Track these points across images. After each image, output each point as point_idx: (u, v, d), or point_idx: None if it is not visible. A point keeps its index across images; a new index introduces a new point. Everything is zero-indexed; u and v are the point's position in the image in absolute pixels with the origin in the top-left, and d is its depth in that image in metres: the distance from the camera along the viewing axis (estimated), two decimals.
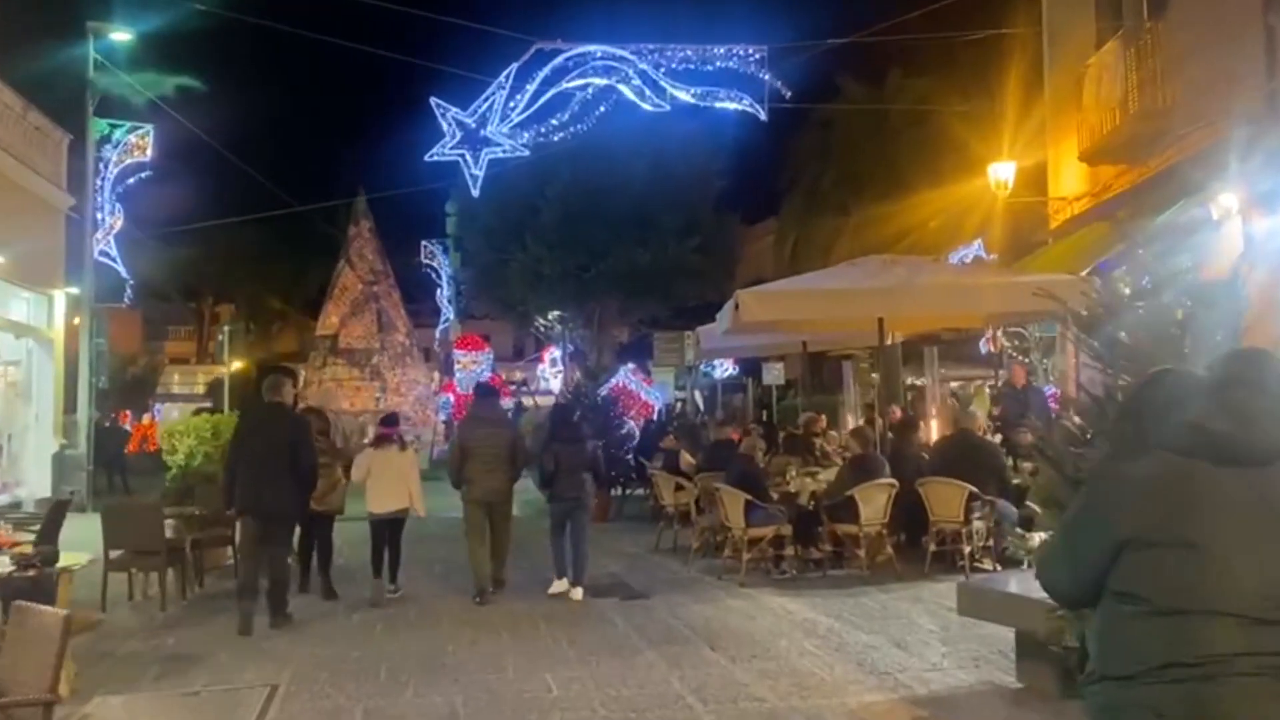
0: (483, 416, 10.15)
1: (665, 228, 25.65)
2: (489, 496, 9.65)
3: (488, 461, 9.60)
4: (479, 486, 9.61)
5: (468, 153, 14.89)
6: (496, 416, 10.42)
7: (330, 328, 29.11)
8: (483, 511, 9.67)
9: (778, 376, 27.39)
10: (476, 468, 9.58)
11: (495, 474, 9.63)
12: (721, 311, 12.00)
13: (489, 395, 11.02)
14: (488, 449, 9.63)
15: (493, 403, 10.74)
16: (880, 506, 10.34)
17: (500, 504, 9.79)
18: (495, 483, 9.64)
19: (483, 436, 9.73)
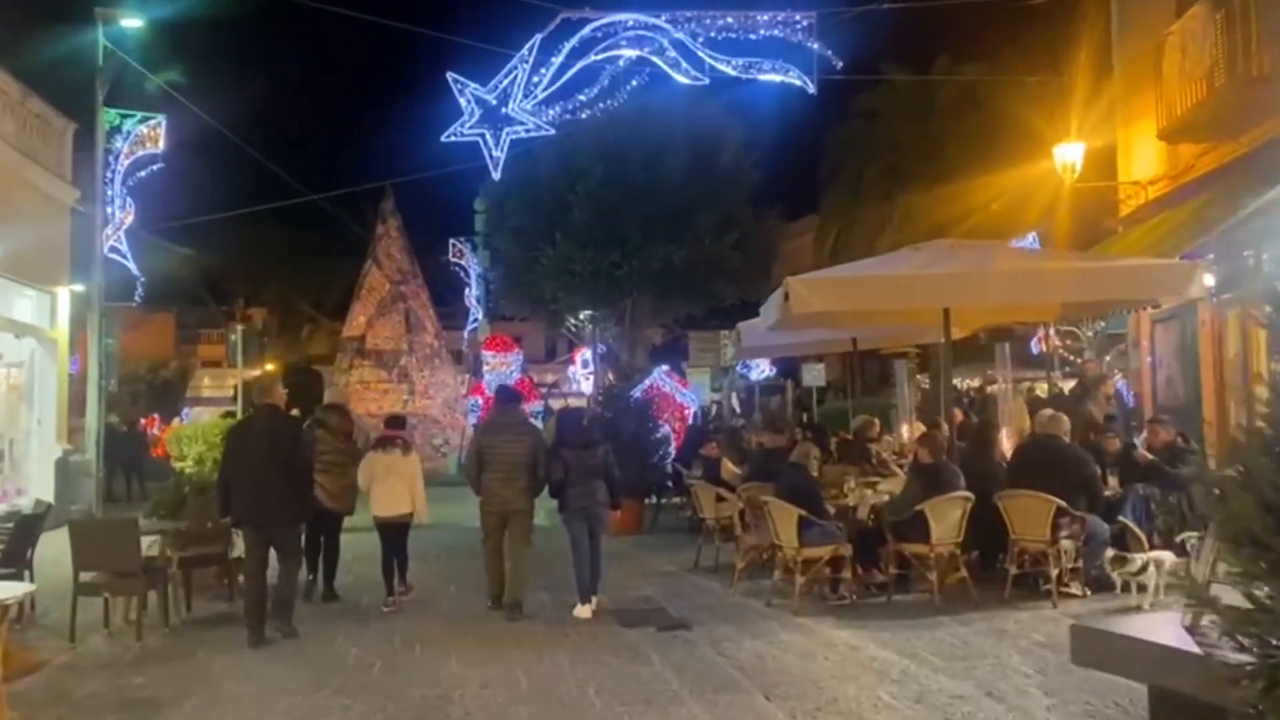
0: (502, 421, 9.29)
1: (701, 224, 24.27)
2: (505, 507, 8.86)
3: (505, 470, 8.82)
4: (495, 496, 8.87)
5: (488, 132, 13.62)
6: (516, 421, 9.40)
7: (357, 329, 27.96)
8: (498, 522, 8.94)
9: (818, 377, 26.01)
10: (493, 476, 8.84)
11: (513, 484, 8.82)
12: (767, 303, 10.64)
13: (510, 399, 9.89)
14: (505, 457, 8.85)
15: (513, 407, 9.66)
16: (954, 523, 8.94)
17: (518, 516, 8.89)
18: (512, 493, 8.84)
19: (501, 443, 8.94)
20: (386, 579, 9.35)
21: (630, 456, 13.71)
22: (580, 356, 30.14)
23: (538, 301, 26.58)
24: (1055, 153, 15.13)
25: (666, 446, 14.42)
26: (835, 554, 8.96)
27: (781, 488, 9.15)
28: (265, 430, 8.12)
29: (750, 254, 25.38)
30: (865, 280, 9.73)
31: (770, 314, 10.35)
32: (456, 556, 11.87)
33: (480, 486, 8.94)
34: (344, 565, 10.18)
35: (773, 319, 10.26)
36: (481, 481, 8.90)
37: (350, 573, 10.43)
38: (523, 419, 9.77)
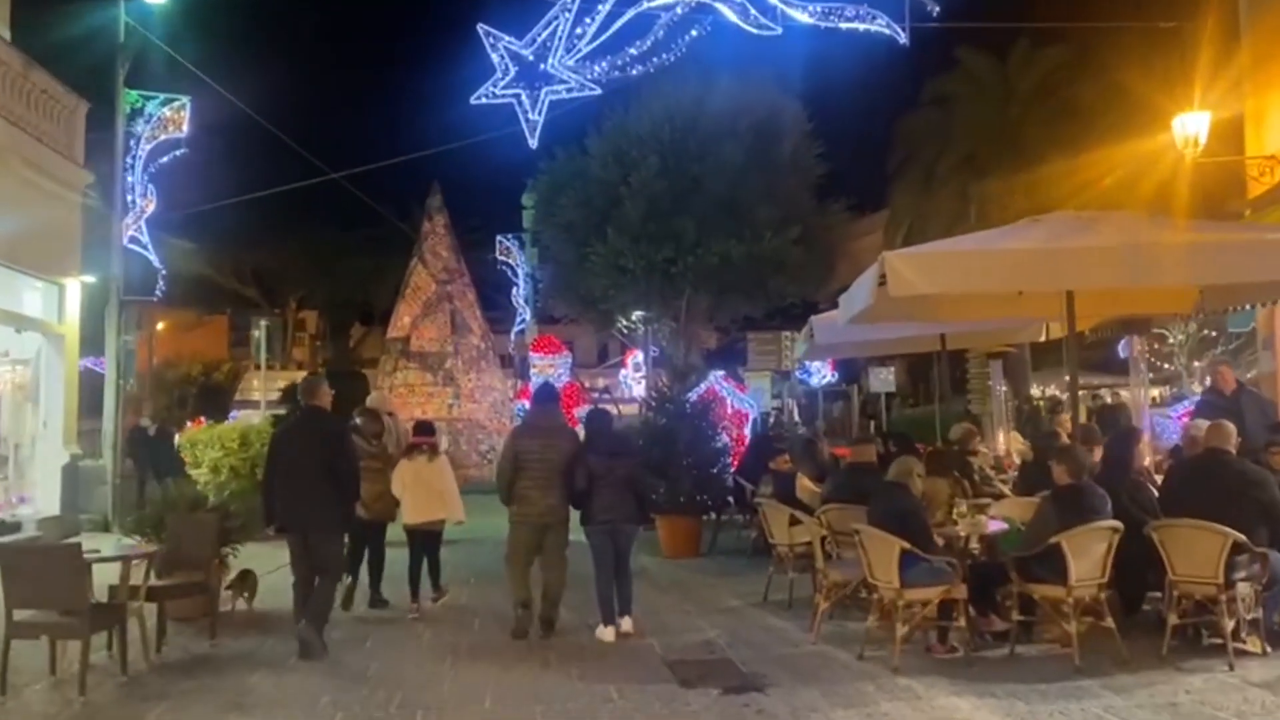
0: (539, 425, 8.36)
1: (760, 218, 22.22)
2: (542, 519, 8.05)
3: (541, 477, 8.00)
4: (531, 506, 8.05)
5: (524, 93, 11.86)
6: (555, 425, 8.46)
7: (402, 330, 26.50)
8: (533, 536, 8.10)
9: (887, 382, 23.95)
10: (528, 484, 8.03)
11: (550, 492, 8.02)
12: (851, 291, 8.72)
13: (549, 398, 8.85)
14: (542, 462, 8.02)
15: (553, 408, 8.73)
16: (1098, 559, 6.96)
17: (554, 528, 8.12)
18: (550, 502, 8.03)
19: (538, 448, 8.09)
20: (413, 586, 9.03)
21: (686, 469, 11.89)
22: (632, 359, 28.35)
23: (587, 301, 24.74)
24: (1175, 125, 12.98)
25: (726, 457, 12.54)
26: (946, 596, 7.02)
27: (877, 513, 7.23)
28: (310, 433, 7.62)
29: (813, 250, 23.25)
30: (979, 256, 7.76)
31: (855, 303, 8.44)
32: (487, 586, 10.10)
33: (512, 495, 8.08)
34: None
35: (858, 308, 8.34)
36: (516, 490, 8.04)
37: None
38: (563, 422, 8.79)
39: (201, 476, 14.05)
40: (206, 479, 13.99)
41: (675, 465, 11.79)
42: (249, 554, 10.09)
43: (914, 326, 11.56)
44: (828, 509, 8.46)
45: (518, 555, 8.11)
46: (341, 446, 7.81)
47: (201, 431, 14.38)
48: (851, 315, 8.75)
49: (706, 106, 22.18)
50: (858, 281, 8.41)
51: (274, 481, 7.71)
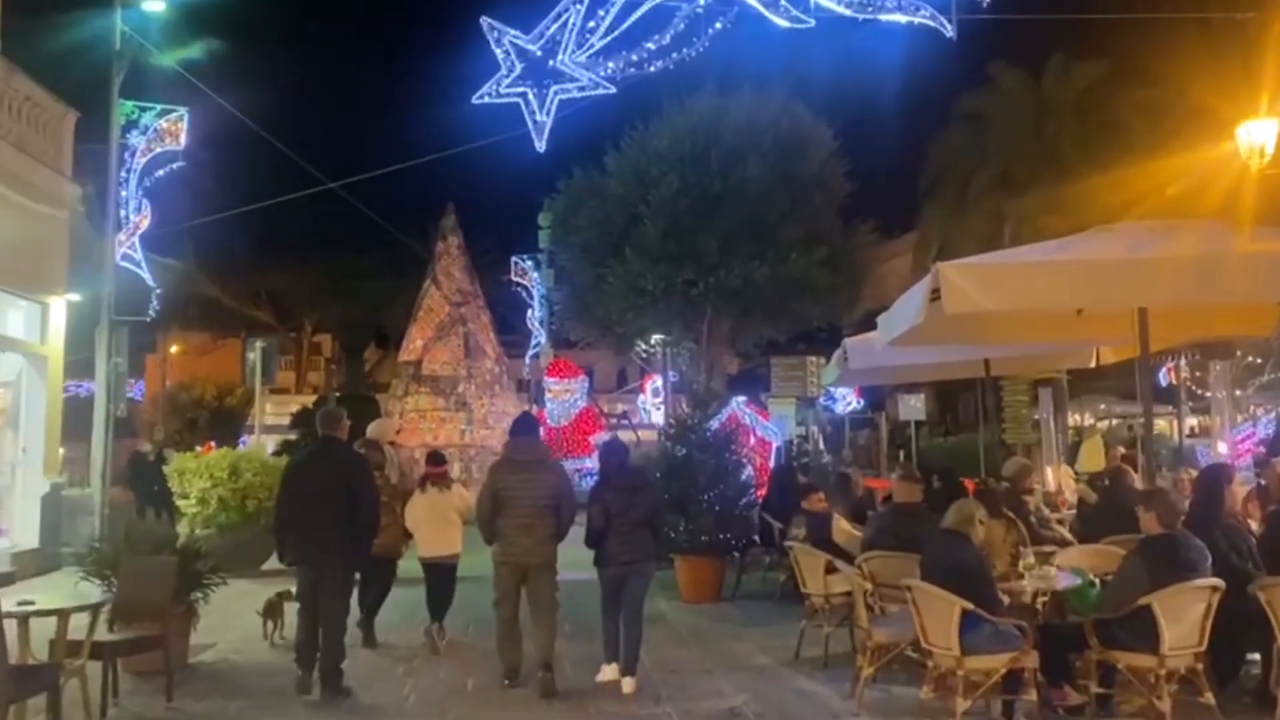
0: (521, 457, 7.54)
1: (784, 238, 21.27)
2: (525, 559, 7.36)
3: (526, 514, 7.32)
4: (512, 546, 7.37)
5: (530, 91, 10.84)
6: (537, 456, 7.70)
7: (414, 353, 25.62)
8: (515, 578, 7.43)
9: (917, 410, 22.80)
10: (510, 522, 7.35)
11: (534, 531, 7.33)
12: (895, 309, 7.68)
13: (528, 429, 8.00)
14: (526, 498, 7.34)
15: (533, 440, 7.89)
16: (1195, 623, 5.88)
17: (540, 571, 7.41)
18: (534, 542, 7.34)
19: (520, 482, 7.38)
20: (431, 613, 8.78)
21: (708, 504, 10.83)
22: (650, 384, 27.36)
23: (604, 324, 23.79)
24: (1239, 133, 11.90)
25: (751, 492, 11.46)
26: (1014, 665, 5.93)
27: (934, 566, 6.16)
28: (328, 465, 7.32)
29: (840, 272, 22.25)
30: (1045, 269, 6.69)
31: (899, 321, 7.41)
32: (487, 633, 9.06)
33: (493, 534, 7.41)
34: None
35: (903, 328, 7.31)
36: (496, 529, 7.37)
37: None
38: (546, 453, 8.08)
39: (188, 508, 13.12)
40: (194, 510, 13.06)
41: (695, 500, 10.75)
42: (236, 592, 9.63)
43: (955, 350, 10.54)
44: (870, 557, 7.38)
45: (505, 598, 7.44)
46: (365, 480, 7.53)
47: (189, 460, 13.46)
48: (895, 335, 7.70)
49: (728, 121, 21.28)
50: (904, 297, 7.38)
51: (287, 513, 7.33)
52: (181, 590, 7.87)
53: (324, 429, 7.60)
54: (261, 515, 13.01)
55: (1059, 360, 12.16)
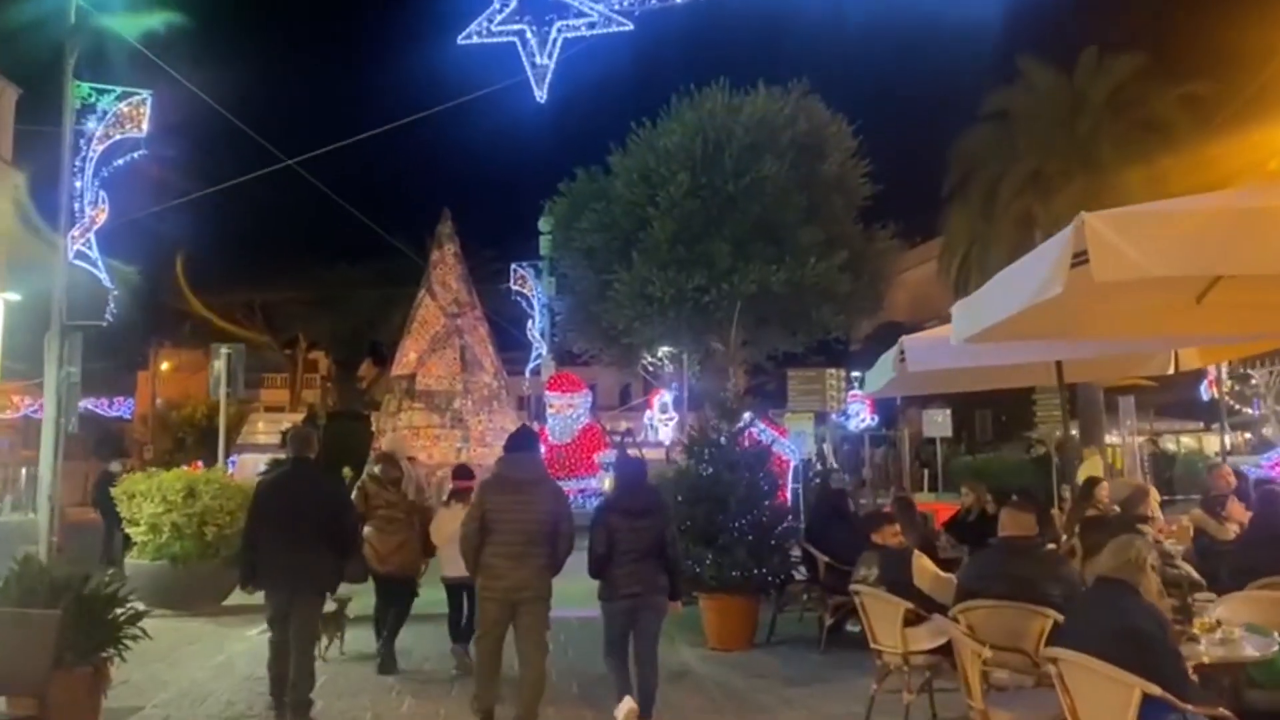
0: (515, 476, 6.52)
1: (803, 242, 19.59)
2: (516, 594, 6.37)
3: (519, 541, 6.39)
4: (499, 579, 6.39)
5: (530, 29, 9.03)
6: (533, 477, 6.62)
7: (407, 366, 23.78)
8: (502, 614, 6.41)
9: (943, 425, 21.03)
10: (497, 550, 6.41)
11: (529, 560, 6.38)
12: (1006, 280, 5.89)
13: (524, 444, 6.93)
14: (520, 523, 6.40)
15: (530, 457, 6.82)
16: None
17: (529, 606, 6.40)
18: (528, 574, 6.39)
19: (510, 506, 6.43)
20: (453, 632, 8.41)
21: (739, 534, 9.02)
22: (658, 400, 25.52)
23: (610, 336, 22.05)
24: None
25: (790, 518, 9.64)
26: None
27: (1089, 628, 4.33)
28: (303, 488, 6.96)
29: (861, 279, 20.57)
30: (1240, 217, 4.84)
31: (1011, 299, 5.60)
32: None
33: (478, 563, 6.44)
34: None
35: (1018, 305, 5.50)
36: (483, 557, 6.41)
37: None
38: (543, 473, 6.88)
39: (139, 535, 11.30)
40: (144, 539, 11.23)
41: (726, 529, 8.94)
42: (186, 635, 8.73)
43: (1024, 350, 8.71)
44: (971, 607, 5.57)
45: (489, 636, 6.46)
46: (343, 502, 7.29)
47: (139, 480, 11.61)
48: (1001, 317, 5.91)
49: (742, 118, 19.63)
50: (1018, 269, 5.61)
51: (258, 538, 6.90)
52: (83, 648, 6.08)
53: (294, 450, 7.22)
54: (222, 545, 11.24)
55: (1139, 365, 10.34)
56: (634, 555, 6.32)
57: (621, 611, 6.36)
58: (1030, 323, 6.22)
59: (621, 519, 6.40)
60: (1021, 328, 6.41)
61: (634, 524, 6.37)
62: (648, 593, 6.34)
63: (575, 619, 10.14)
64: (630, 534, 6.34)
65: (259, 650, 9.02)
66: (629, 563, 6.32)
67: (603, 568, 6.38)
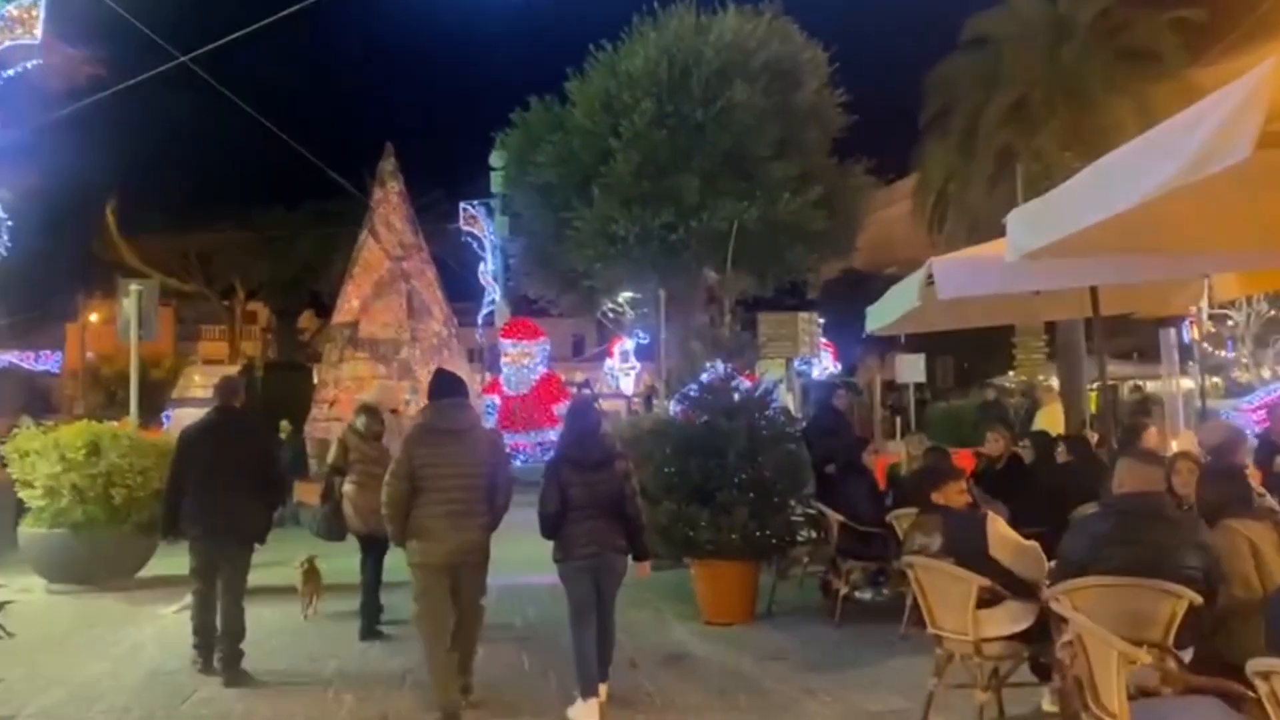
0: (443, 425, 5.71)
1: (776, 176, 18.18)
2: (455, 556, 5.59)
3: (453, 499, 5.55)
4: (435, 541, 5.54)
5: None
6: (465, 424, 5.82)
7: (349, 314, 21.95)
8: (442, 583, 5.61)
9: (918, 370, 19.87)
10: (435, 509, 5.54)
11: (467, 519, 5.59)
12: (1105, 171, 4.53)
13: (453, 388, 5.98)
14: (452, 477, 5.56)
15: (459, 403, 5.90)
16: None
17: (469, 570, 5.71)
18: (468, 534, 5.60)
19: (445, 457, 5.59)
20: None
21: (740, 491, 7.65)
22: (619, 348, 24.07)
23: (568, 279, 20.51)
24: None
25: (804, 473, 8.28)
26: None
27: None
28: (232, 436, 6.74)
29: (835, 217, 19.23)
30: None
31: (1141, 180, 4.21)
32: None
33: (406, 526, 5.62)
34: None
35: (1163, 178, 4.07)
36: (413, 519, 5.59)
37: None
38: (475, 419, 6.12)
39: (34, 499, 9.62)
40: (40, 503, 9.56)
41: (724, 486, 7.56)
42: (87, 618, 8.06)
43: (1058, 273, 7.34)
44: (1080, 586, 4.23)
45: (432, 610, 5.61)
46: (271, 451, 7.41)
47: (32, 437, 9.87)
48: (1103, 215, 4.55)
49: (712, 39, 18.01)
50: (1145, 145, 4.23)
51: (183, 486, 6.69)
52: None
53: (221, 398, 6.99)
54: (133, 509, 9.65)
55: (1176, 293, 9.08)
56: (589, 512, 5.62)
57: (580, 573, 5.64)
58: (1124, 229, 4.92)
59: (574, 472, 5.64)
60: (1115, 234, 5.10)
61: (588, 478, 5.63)
62: (606, 553, 5.64)
63: (544, 586, 8.91)
64: (584, 489, 5.62)
65: (172, 633, 7.62)
66: (584, 519, 5.61)
67: (555, 527, 5.63)
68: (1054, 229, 5.30)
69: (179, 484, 6.68)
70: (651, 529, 7.96)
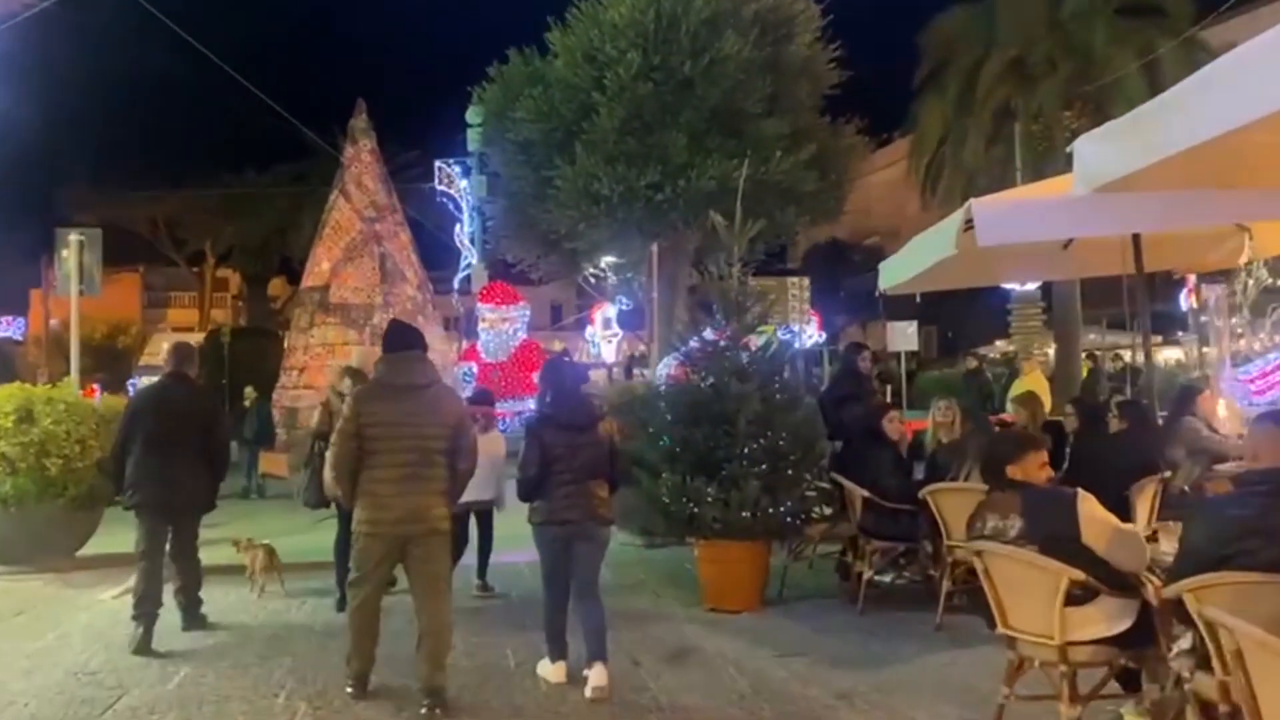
0: (398, 381, 4.97)
1: (767, 134, 17.15)
2: (406, 526, 4.89)
3: (406, 463, 4.89)
4: (384, 509, 4.88)
5: None
6: (421, 381, 5.05)
7: (319, 277, 20.75)
8: (388, 554, 4.97)
9: (910, 338, 19.03)
10: (384, 474, 4.88)
11: (421, 485, 4.91)
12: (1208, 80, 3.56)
13: (406, 340, 5.21)
14: (405, 440, 4.90)
15: (415, 356, 5.12)
16: None
17: (430, 542, 4.94)
18: (420, 501, 4.91)
19: (396, 417, 4.92)
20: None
21: (749, 462, 6.70)
22: (600, 314, 23.05)
23: (549, 242, 19.42)
24: None
25: (820, 442, 7.32)
26: None
27: None
28: (182, 403, 6.50)
29: (828, 178, 18.25)
30: None
31: None
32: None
33: (353, 491, 4.93)
34: None
35: None
36: (361, 483, 4.90)
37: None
38: (434, 374, 5.29)
39: None
40: None
41: (734, 458, 6.61)
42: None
43: (1102, 217, 6.38)
44: (1211, 582, 3.31)
45: (365, 583, 5.04)
46: (219, 420, 6.92)
47: None
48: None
49: None
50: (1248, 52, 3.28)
51: (130, 451, 6.35)
52: None
53: (173, 364, 6.72)
54: (70, 481, 8.61)
55: (1212, 250, 8.17)
56: (571, 477, 5.25)
57: (557, 539, 5.28)
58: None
59: (556, 434, 5.26)
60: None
61: (572, 440, 5.26)
62: (587, 520, 5.25)
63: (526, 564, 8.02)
64: (567, 452, 5.25)
65: (106, 622, 6.68)
66: (566, 484, 5.25)
67: (534, 491, 5.28)
68: (1139, 154, 4.35)
69: (124, 446, 6.42)
70: (651, 505, 7.04)
